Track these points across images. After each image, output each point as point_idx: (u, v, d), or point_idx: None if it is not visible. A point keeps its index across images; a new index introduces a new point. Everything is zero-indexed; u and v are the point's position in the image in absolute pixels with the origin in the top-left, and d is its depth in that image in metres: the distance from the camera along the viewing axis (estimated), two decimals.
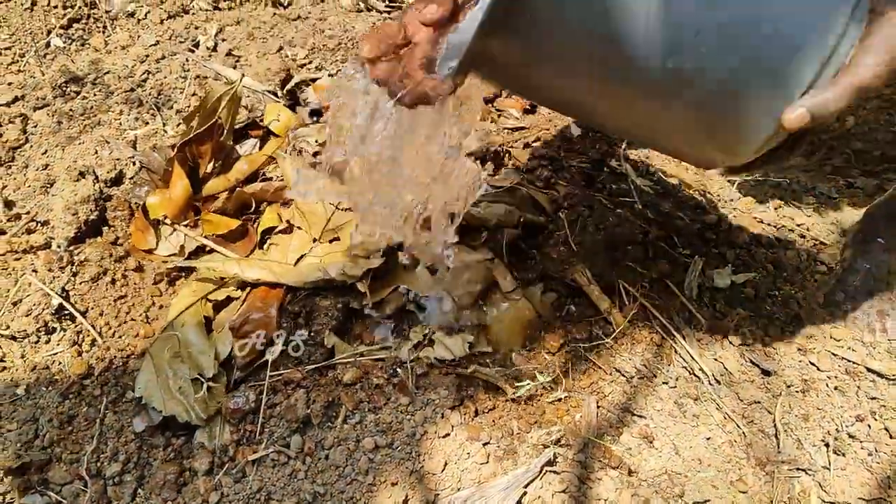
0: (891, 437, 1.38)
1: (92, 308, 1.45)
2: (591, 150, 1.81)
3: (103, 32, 2.35)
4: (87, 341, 1.41)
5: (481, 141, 1.75)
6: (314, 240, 1.46)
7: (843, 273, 1.66)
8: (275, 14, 2.19)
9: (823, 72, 0.83)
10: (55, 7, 2.32)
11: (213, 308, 1.45)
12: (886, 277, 1.63)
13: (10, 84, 2.05)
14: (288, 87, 1.86)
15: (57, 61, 2.18)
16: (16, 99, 1.91)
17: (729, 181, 1.93)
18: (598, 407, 1.36)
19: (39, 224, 1.58)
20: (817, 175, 2.02)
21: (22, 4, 2.29)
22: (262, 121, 1.78)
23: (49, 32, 2.29)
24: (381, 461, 1.22)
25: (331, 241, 1.46)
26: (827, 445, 1.38)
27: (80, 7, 2.34)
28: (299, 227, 1.49)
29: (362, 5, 2.41)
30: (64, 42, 2.30)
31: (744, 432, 1.37)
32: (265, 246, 1.54)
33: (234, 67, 1.97)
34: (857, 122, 2.14)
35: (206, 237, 1.53)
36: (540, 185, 1.72)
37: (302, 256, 1.45)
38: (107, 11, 2.38)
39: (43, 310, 1.41)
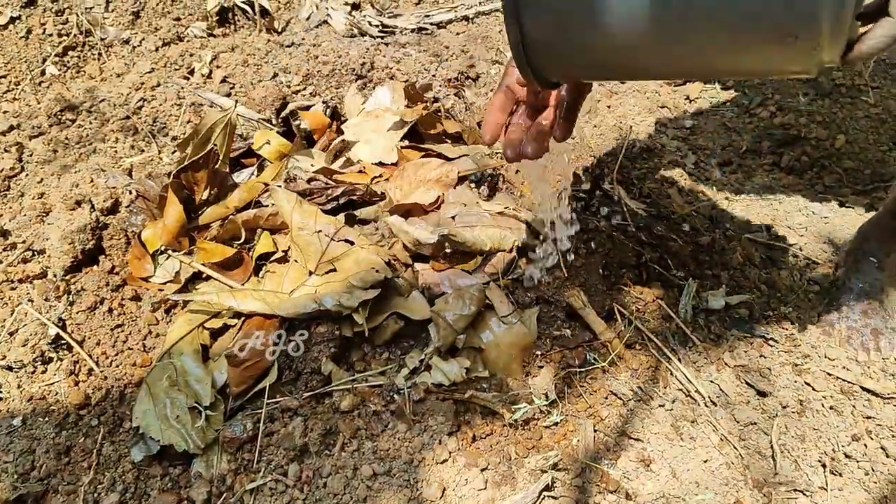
0: (887, 456, 1.39)
1: (89, 337, 1.45)
2: (584, 174, 1.82)
3: (98, 59, 2.37)
4: (84, 371, 1.41)
5: (475, 164, 1.77)
6: (310, 272, 1.47)
7: (837, 292, 1.68)
8: (269, 41, 2.21)
9: None
10: (50, 35, 2.34)
11: (209, 336, 1.45)
12: (880, 296, 1.64)
13: (5, 112, 2.06)
14: (283, 114, 1.87)
15: (52, 89, 2.19)
16: (11, 128, 1.92)
17: (726, 199, 1.94)
18: (595, 431, 1.37)
19: (35, 253, 1.58)
20: (809, 194, 2.04)
21: (17, 33, 2.31)
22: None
23: (44, 60, 2.31)
24: (380, 489, 1.22)
25: (326, 273, 1.46)
26: (824, 466, 1.38)
27: (75, 35, 2.36)
28: (295, 260, 1.49)
29: (356, 31, 2.43)
30: (59, 69, 2.32)
31: (741, 454, 1.38)
32: (261, 273, 1.55)
33: (229, 95, 1.98)
34: (848, 141, 2.17)
35: (202, 265, 1.53)
36: (534, 210, 1.73)
37: (297, 287, 1.45)
38: (102, 39, 2.40)
39: (40, 339, 1.41)
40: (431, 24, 2.53)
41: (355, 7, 2.59)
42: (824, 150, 2.16)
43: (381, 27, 2.49)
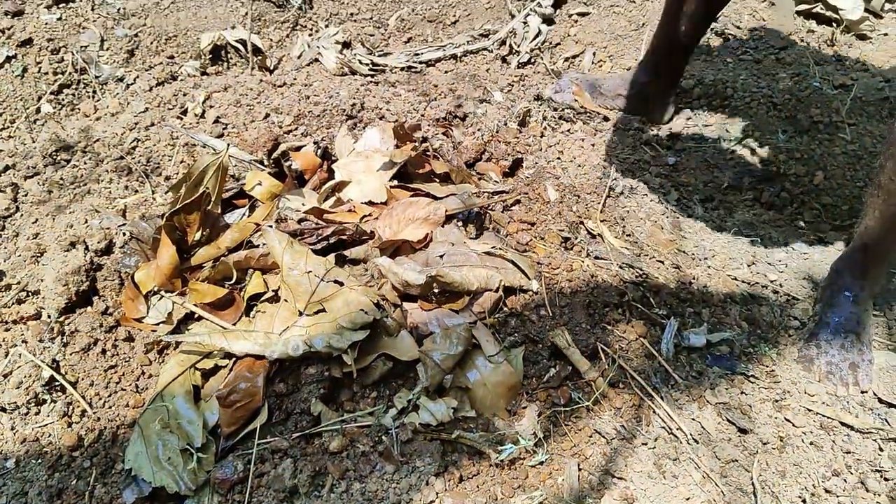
0: (867, 490, 1.42)
1: (82, 378, 1.47)
2: (568, 213, 1.86)
3: (93, 98, 2.41)
4: (77, 412, 1.43)
5: (463, 203, 1.81)
6: (299, 312, 1.50)
7: (815, 327, 1.72)
8: (261, 80, 2.26)
9: None
10: (46, 73, 2.38)
11: (201, 376, 1.48)
12: (856, 329, 1.69)
13: (0, 151, 2.10)
14: (274, 155, 1.92)
15: (47, 127, 2.23)
16: (7, 168, 1.95)
17: (708, 235, 1.99)
18: (580, 470, 1.39)
19: (30, 294, 1.61)
20: (789, 230, 2.09)
21: (13, 72, 2.35)
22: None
23: (40, 98, 2.35)
24: None
25: (316, 313, 1.49)
26: (804, 501, 1.42)
27: (70, 73, 2.40)
28: (285, 300, 1.53)
29: (346, 70, 2.48)
30: (54, 107, 2.36)
31: (722, 491, 1.41)
32: (252, 313, 1.58)
33: (222, 135, 2.02)
34: (826, 178, 2.22)
35: (194, 305, 1.56)
36: (520, 249, 1.77)
37: (287, 328, 1.48)
38: (96, 77, 2.44)
39: (33, 381, 1.43)
40: (420, 62, 2.59)
41: (346, 45, 2.64)
42: (803, 186, 2.21)
43: (371, 65, 2.55)
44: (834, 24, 2.53)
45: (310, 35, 2.71)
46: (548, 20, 2.77)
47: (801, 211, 2.18)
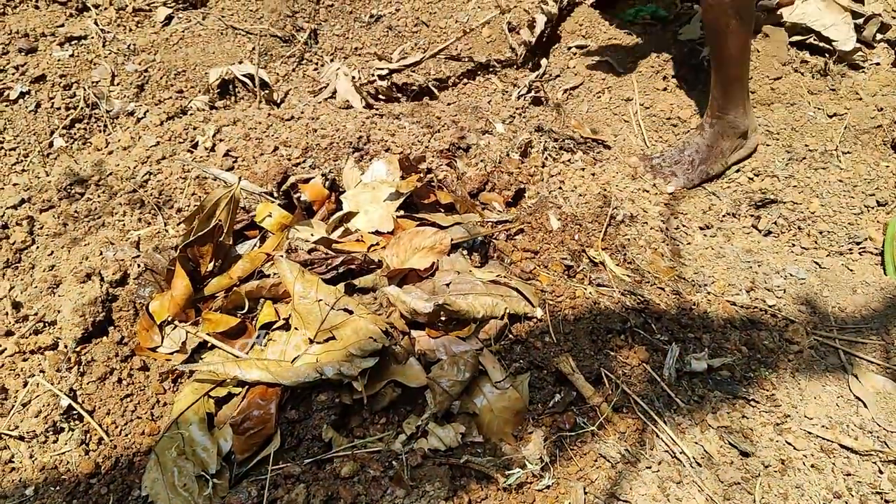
0: None
1: (99, 407, 1.51)
2: (570, 242, 1.91)
3: (104, 132, 2.47)
4: (95, 440, 1.47)
5: (468, 232, 1.86)
6: (310, 340, 1.54)
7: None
8: (269, 114, 2.32)
9: None
10: (58, 108, 2.44)
11: (214, 404, 1.51)
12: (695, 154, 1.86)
13: (15, 185, 2.15)
14: (284, 187, 1.97)
15: (60, 161, 2.28)
16: (22, 201, 2.00)
17: (708, 262, 2.03)
18: (586, 493, 1.43)
19: (47, 325, 1.65)
20: (786, 257, 2.13)
21: (26, 107, 2.41)
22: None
23: (52, 133, 2.41)
24: None
25: (326, 341, 1.54)
26: None
27: (81, 107, 2.46)
28: (296, 328, 1.57)
29: (354, 101, 2.54)
30: (66, 142, 2.41)
31: None
32: (264, 342, 1.62)
33: (232, 168, 2.08)
34: (822, 205, 2.27)
35: (207, 334, 1.61)
36: (524, 277, 1.82)
37: (298, 356, 1.52)
38: (107, 111, 2.50)
39: (52, 410, 1.47)
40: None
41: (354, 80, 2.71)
42: (800, 213, 2.26)
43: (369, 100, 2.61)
44: (827, 55, 2.59)
45: (319, 67, 2.78)
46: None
47: (799, 237, 2.23)
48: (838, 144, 2.39)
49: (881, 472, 1.52)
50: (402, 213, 1.92)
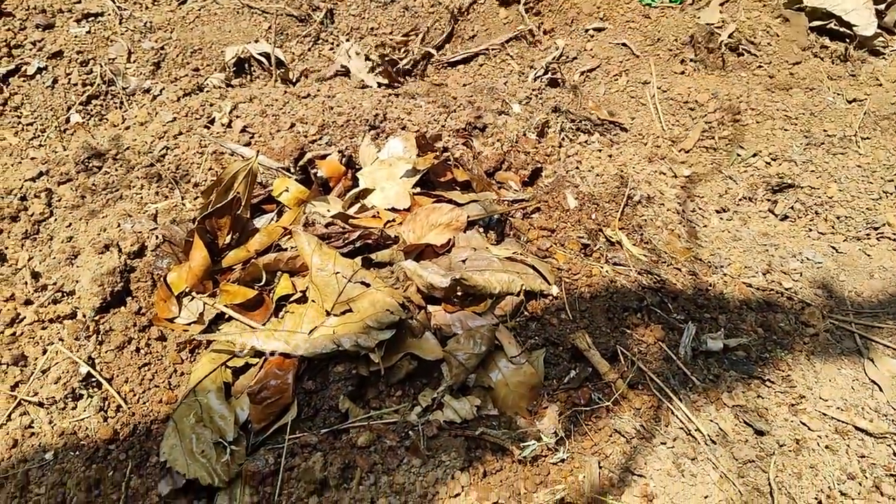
0: (881, 494, 1.45)
1: (117, 375, 1.52)
2: (587, 221, 1.91)
3: (120, 108, 2.47)
4: (113, 407, 1.48)
5: (484, 210, 1.85)
6: (327, 312, 1.54)
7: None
8: (286, 92, 2.32)
9: None
10: (75, 85, 2.44)
11: (232, 373, 1.52)
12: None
13: (33, 159, 2.16)
14: (301, 162, 1.97)
15: (77, 136, 2.29)
16: (40, 174, 2.01)
17: (724, 244, 2.03)
18: (601, 467, 1.43)
19: (65, 294, 1.66)
20: (803, 241, 2.12)
21: (44, 83, 2.41)
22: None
23: (69, 108, 2.42)
24: None
25: (343, 313, 1.54)
26: (820, 503, 1.44)
27: (98, 84, 2.46)
28: (313, 300, 1.57)
29: (368, 81, 2.54)
30: (83, 118, 2.42)
31: (740, 491, 1.44)
32: (281, 314, 1.62)
33: (249, 144, 2.08)
34: (840, 190, 2.26)
35: (224, 306, 1.61)
36: (540, 255, 1.81)
37: (316, 328, 1.53)
38: (124, 88, 2.51)
39: (71, 377, 1.48)
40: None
41: (368, 58, 2.71)
42: (817, 198, 2.25)
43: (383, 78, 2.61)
44: (847, 40, 2.57)
45: (332, 47, 2.78)
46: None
47: (816, 222, 2.22)
48: (857, 130, 2.38)
49: (895, 454, 1.52)
50: (418, 190, 1.92)
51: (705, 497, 1.41)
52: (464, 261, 1.70)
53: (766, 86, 2.60)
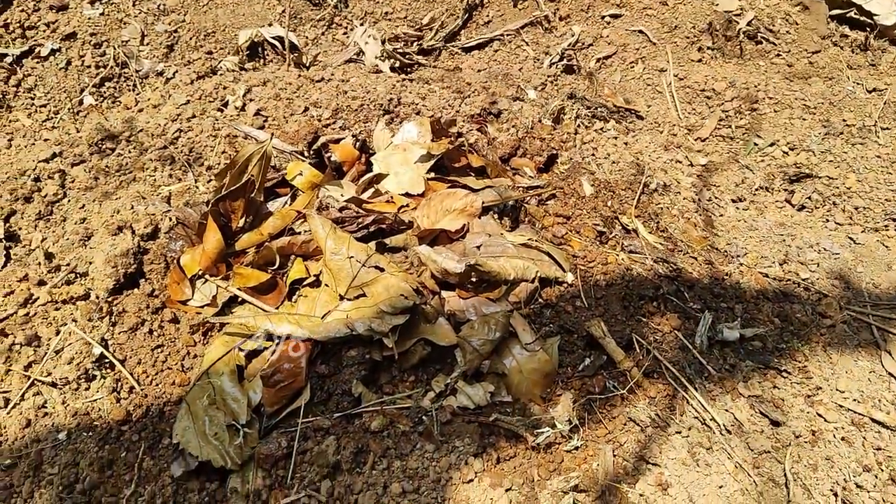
0: None
1: (130, 356, 1.52)
2: (603, 208, 1.89)
3: (133, 90, 2.47)
4: (126, 388, 1.48)
5: (499, 196, 1.84)
6: (340, 296, 1.53)
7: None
8: (299, 76, 2.30)
9: None
10: (88, 67, 2.44)
11: (245, 357, 1.52)
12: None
13: (46, 140, 2.15)
14: (315, 146, 1.96)
15: (90, 118, 2.29)
16: (54, 155, 2.00)
17: (740, 234, 2.00)
18: (615, 456, 1.42)
19: (79, 275, 1.65)
20: (820, 232, 2.10)
21: (57, 64, 2.41)
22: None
23: (82, 90, 2.41)
24: None
25: (356, 297, 1.53)
26: (835, 495, 1.43)
27: (111, 66, 2.46)
28: (327, 284, 1.56)
29: (381, 66, 2.52)
30: (96, 100, 2.42)
31: (755, 481, 1.42)
32: (294, 297, 1.62)
33: (262, 127, 2.07)
34: (858, 180, 2.23)
35: (238, 289, 1.61)
36: (555, 242, 1.80)
37: (329, 312, 1.52)
38: (137, 70, 2.50)
39: (84, 358, 1.48)
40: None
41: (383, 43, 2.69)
42: (835, 188, 2.22)
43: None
44: (867, 29, 2.54)
45: (345, 32, 2.76)
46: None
47: (833, 213, 2.19)
48: (877, 120, 2.35)
49: None
50: (432, 175, 1.91)
51: (720, 487, 1.40)
52: (478, 247, 1.69)
53: (785, 74, 2.57)
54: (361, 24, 2.78)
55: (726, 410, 1.54)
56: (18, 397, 1.43)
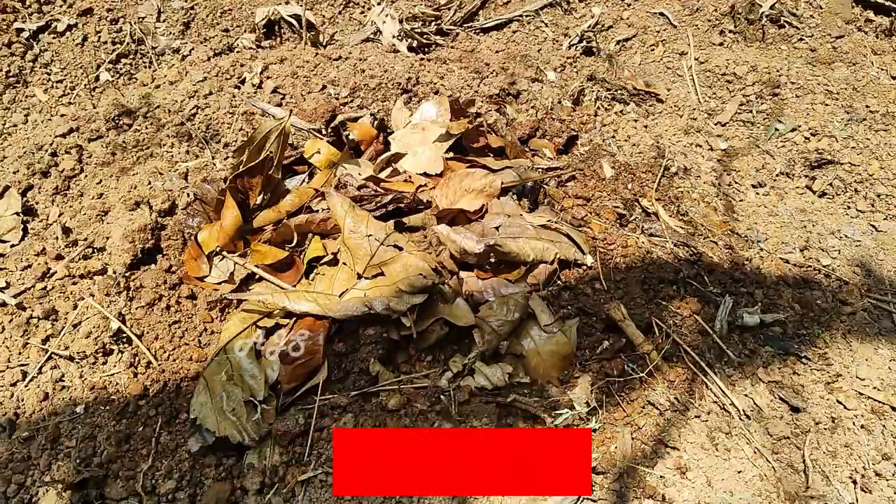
0: None
1: (147, 332, 1.52)
2: (623, 191, 1.87)
3: (150, 67, 2.45)
4: (143, 363, 1.48)
5: (518, 177, 1.82)
6: (358, 275, 1.53)
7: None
8: (317, 54, 2.28)
9: None
10: (104, 43, 2.43)
11: (263, 334, 1.51)
12: None
13: (63, 115, 2.15)
14: (332, 124, 1.94)
15: (106, 94, 2.28)
16: (71, 130, 2.00)
17: (761, 219, 1.98)
18: (633, 438, 1.41)
19: (96, 250, 1.65)
20: (842, 218, 2.07)
21: (73, 40, 2.40)
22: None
23: (98, 66, 2.40)
24: None
25: (374, 276, 1.52)
26: (854, 482, 1.42)
27: (128, 43, 2.44)
28: (345, 263, 1.56)
29: (400, 45, 2.50)
30: (112, 76, 2.41)
31: (773, 467, 1.41)
32: (311, 276, 1.61)
33: (280, 105, 2.05)
34: (882, 167, 2.20)
35: (255, 266, 1.60)
36: (575, 224, 1.78)
37: (347, 290, 1.51)
38: (153, 47, 2.48)
39: (102, 332, 1.48)
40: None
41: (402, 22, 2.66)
42: (858, 175, 2.19)
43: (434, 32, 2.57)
44: (893, 14, 2.49)
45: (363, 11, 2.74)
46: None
47: (855, 199, 2.16)
48: None
49: None
50: (451, 155, 1.89)
51: (739, 472, 1.39)
52: (497, 227, 1.68)
53: (808, 59, 2.53)
54: (379, 4, 2.75)
55: (746, 395, 1.52)
56: (36, 371, 1.43)
